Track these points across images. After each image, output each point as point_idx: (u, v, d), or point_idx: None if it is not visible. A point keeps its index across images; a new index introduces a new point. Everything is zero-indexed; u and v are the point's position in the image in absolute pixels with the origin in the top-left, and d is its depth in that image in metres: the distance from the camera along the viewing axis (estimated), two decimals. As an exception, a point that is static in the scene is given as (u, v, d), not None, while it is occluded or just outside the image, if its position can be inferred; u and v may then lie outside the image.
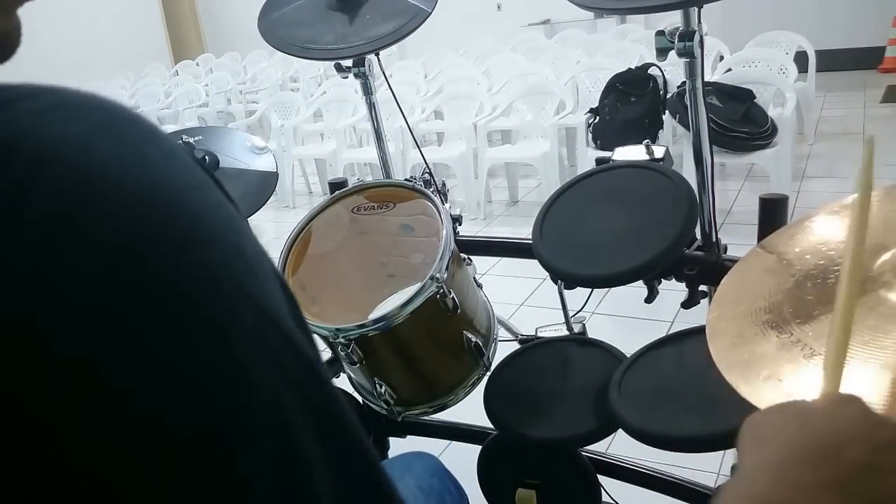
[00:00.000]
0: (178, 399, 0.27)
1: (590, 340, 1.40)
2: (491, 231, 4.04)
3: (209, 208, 0.31)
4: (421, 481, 0.94)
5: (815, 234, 0.69)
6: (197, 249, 0.29)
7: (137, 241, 0.27)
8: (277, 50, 1.42)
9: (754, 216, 1.15)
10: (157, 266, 0.28)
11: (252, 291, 0.31)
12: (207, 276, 0.29)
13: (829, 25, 6.53)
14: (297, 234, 1.22)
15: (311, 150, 5.29)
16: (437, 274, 1.06)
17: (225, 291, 0.29)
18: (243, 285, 0.30)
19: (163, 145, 0.31)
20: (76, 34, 9.04)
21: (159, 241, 0.28)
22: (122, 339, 0.26)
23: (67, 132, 0.28)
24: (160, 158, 0.31)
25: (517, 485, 1.35)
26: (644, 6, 1.12)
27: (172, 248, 0.28)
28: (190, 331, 0.28)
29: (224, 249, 0.30)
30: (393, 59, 6.90)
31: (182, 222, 0.29)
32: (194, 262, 0.29)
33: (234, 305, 0.30)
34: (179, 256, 0.28)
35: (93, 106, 0.31)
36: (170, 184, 0.30)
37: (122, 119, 0.31)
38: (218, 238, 0.30)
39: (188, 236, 0.29)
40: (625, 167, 1.32)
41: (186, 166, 0.32)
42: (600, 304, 2.77)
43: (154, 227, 0.28)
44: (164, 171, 0.30)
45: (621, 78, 4.08)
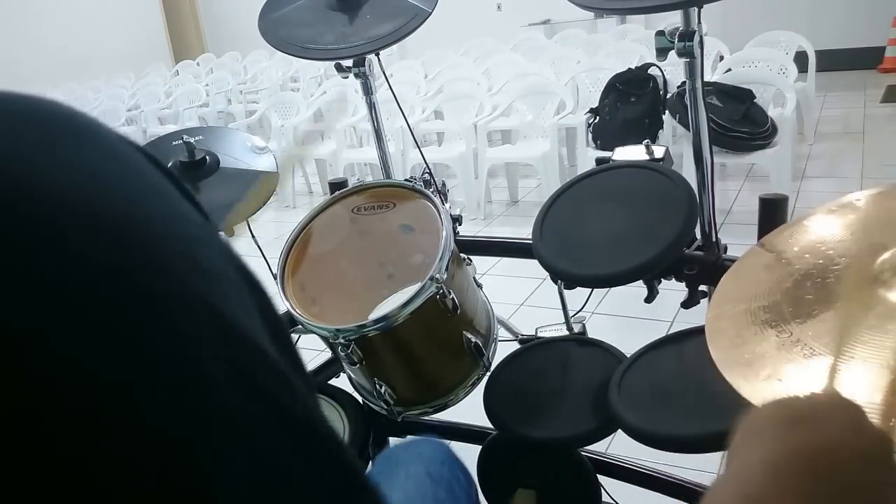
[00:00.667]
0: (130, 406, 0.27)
1: (590, 340, 1.40)
2: (491, 231, 4.04)
3: (158, 217, 0.30)
4: (430, 468, 0.94)
5: (814, 233, 0.69)
6: (147, 261, 0.28)
7: (81, 242, 0.27)
8: (278, 50, 1.42)
9: (754, 216, 1.15)
10: (101, 265, 0.27)
11: (204, 294, 0.30)
12: (159, 281, 0.28)
13: (828, 25, 6.53)
14: (298, 234, 1.22)
15: (311, 151, 5.29)
16: (436, 274, 1.06)
17: (180, 297, 0.29)
18: (194, 289, 0.30)
19: (108, 149, 0.31)
20: (77, 34, 9.04)
21: (102, 242, 0.27)
22: (51, 342, 0.25)
23: (14, 138, 0.28)
24: (102, 162, 0.30)
25: (517, 485, 1.35)
26: (644, 6, 1.13)
27: (120, 251, 0.28)
28: (144, 340, 0.27)
29: (178, 260, 0.30)
30: (393, 59, 6.91)
31: (124, 232, 0.28)
32: (143, 272, 0.28)
33: (185, 316, 0.29)
34: (127, 268, 0.28)
35: (38, 110, 0.30)
36: (114, 193, 0.29)
37: (67, 125, 0.30)
38: (170, 249, 0.30)
39: (132, 247, 0.28)
40: (625, 167, 1.32)
41: (133, 170, 0.31)
42: (600, 304, 2.77)
43: (97, 230, 0.27)
44: (108, 179, 0.29)
45: (621, 78, 4.09)
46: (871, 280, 0.58)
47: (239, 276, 0.34)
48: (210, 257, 0.32)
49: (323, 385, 1.51)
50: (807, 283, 0.62)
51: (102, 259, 0.27)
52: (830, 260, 0.63)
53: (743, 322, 0.62)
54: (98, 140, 0.31)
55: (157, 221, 0.30)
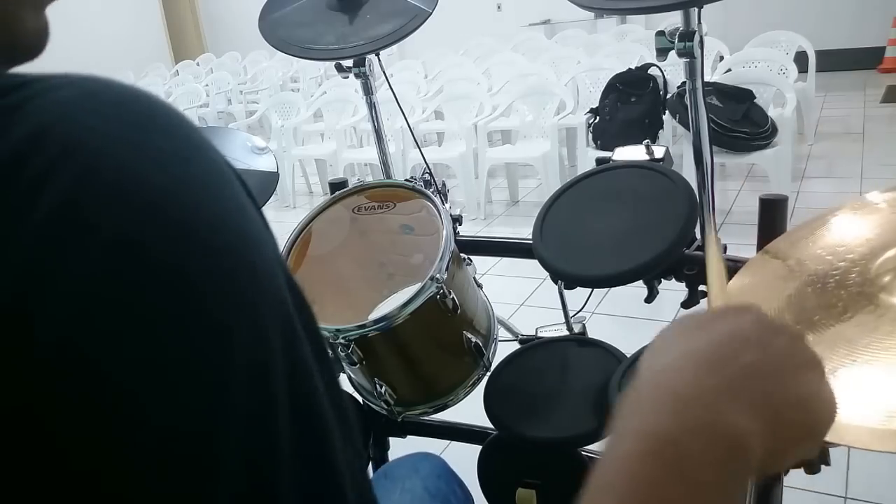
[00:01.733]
0: (168, 396, 0.27)
1: (590, 340, 1.40)
2: (491, 231, 4.04)
3: (225, 212, 0.31)
4: (427, 483, 0.94)
5: (815, 240, 0.69)
6: (206, 254, 0.29)
7: (145, 238, 0.27)
8: (278, 50, 1.42)
9: (754, 216, 1.15)
10: (163, 264, 0.28)
11: (254, 301, 0.31)
12: (211, 281, 0.29)
13: (829, 26, 6.53)
14: (298, 234, 1.22)
15: (312, 151, 5.29)
16: (437, 274, 1.06)
17: (227, 299, 0.29)
18: (246, 295, 0.30)
19: (190, 142, 0.31)
20: (77, 34, 9.04)
21: (168, 241, 0.28)
22: (115, 331, 0.26)
23: (93, 125, 0.28)
24: (183, 156, 0.31)
25: (517, 485, 1.35)
26: (644, 6, 1.13)
27: (182, 250, 0.28)
28: (190, 332, 0.28)
29: (235, 257, 0.30)
30: (393, 59, 6.91)
31: (193, 224, 0.29)
32: (201, 266, 0.29)
33: (235, 313, 0.30)
34: (187, 259, 0.28)
35: (122, 99, 0.31)
36: (186, 184, 0.30)
37: (149, 114, 0.31)
38: (228, 244, 0.30)
39: (199, 239, 0.29)
40: (625, 167, 1.32)
41: (210, 163, 0.32)
42: (600, 304, 2.77)
43: (163, 227, 0.28)
44: (183, 169, 0.30)
45: (621, 78, 4.09)
46: (871, 284, 0.58)
47: (287, 278, 0.35)
48: (264, 258, 0.32)
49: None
50: (808, 289, 0.62)
51: (165, 259, 0.28)
52: (831, 265, 0.63)
53: None
54: (178, 129, 0.32)
55: (220, 216, 0.31)
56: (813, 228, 0.70)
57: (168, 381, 0.27)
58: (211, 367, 0.29)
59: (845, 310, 0.58)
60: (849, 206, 0.69)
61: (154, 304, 0.27)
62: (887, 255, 0.59)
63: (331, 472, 0.35)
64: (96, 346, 0.26)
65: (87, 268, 0.26)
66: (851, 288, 0.59)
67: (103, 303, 0.26)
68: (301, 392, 0.33)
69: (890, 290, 0.56)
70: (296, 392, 0.32)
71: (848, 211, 0.69)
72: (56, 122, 0.28)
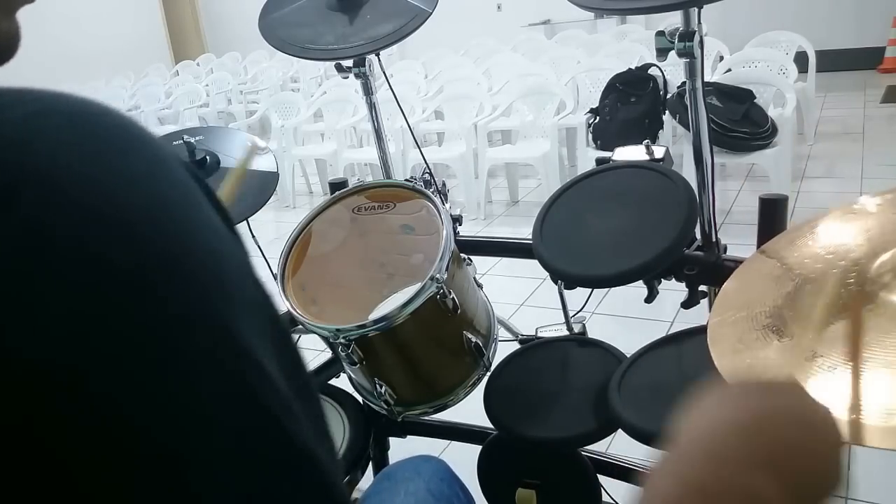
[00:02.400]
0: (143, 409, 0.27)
1: (590, 340, 1.40)
2: (491, 231, 4.04)
3: (190, 230, 0.31)
4: (430, 485, 0.94)
5: (815, 238, 0.69)
6: (176, 270, 0.29)
7: (113, 255, 0.27)
8: (278, 50, 1.42)
9: (754, 216, 1.15)
10: (134, 279, 0.28)
11: (224, 319, 0.31)
12: (182, 298, 0.29)
13: (829, 26, 6.53)
14: (298, 234, 1.22)
15: (312, 151, 5.29)
16: (437, 274, 1.06)
17: (199, 318, 0.29)
18: (215, 313, 0.30)
19: (153, 156, 0.31)
20: (77, 34, 9.04)
21: (137, 256, 0.28)
22: (93, 345, 0.26)
23: (59, 141, 0.28)
24: (147, 172, 0.30)
25: (517, 485, 1.35)
26: (644, 6, 1.13)
27: (150, 265, 0.28)
28: (166, 348, 0.28)
29: (200, 274, 0.30)
30: (393, 59, 6.91)
31: (159, 242, 0.29)
32: (171, 283, 0.29)
33: (208, 331, 0.30)
34: (158, 276, 0.28)
35: (88, 116, 0.30)
36: (151, 200, 0.30)
37: (115, 132, 0.31)
38: (198, 262, 0.30)
39: (164, 255, 0.29)
40: (625, 167, 1.32)
41: (174, 181, 0.32)
42: (600, 304, 2.77)
43: (133, 244, 0.28)
44: (150, 185, 0.30)
45: (621, 78, 4.09)
46: (871, 283, 0.58)
47: (256, 290, 0.34)
48: (232, 273, 0.32)
49: (323, 385, 1.51)
50: (807, 287, 0.62)
51: (129, 272, 0.28)
52: (831, 264, 0.64)
53: (745, 327, 0.62)
54: (142, 146, 0.31)
55: (189, 235, 0.31)
56: (810, 228, 0.70)
57: (147, 394, 0.27)
58: (187, 381, 0.28)
59: (844, 308, 0.58)
60: (846, 207, 0.70)
61: (127, 319, 0.27)
62: (887, 255, 0.59)
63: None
64: (81, 360, 0.26)
65: (56, 283, 0.26)
66: (851, 287, 0.59)
67: (79, 319, 0.26)
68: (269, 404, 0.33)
69: (890, 289, 0.56)
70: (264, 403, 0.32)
71: (845, 211, 0.69)
72: (23, 142, 0.27)
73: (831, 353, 0.54)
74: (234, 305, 0.31)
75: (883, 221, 0.66)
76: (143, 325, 0.27)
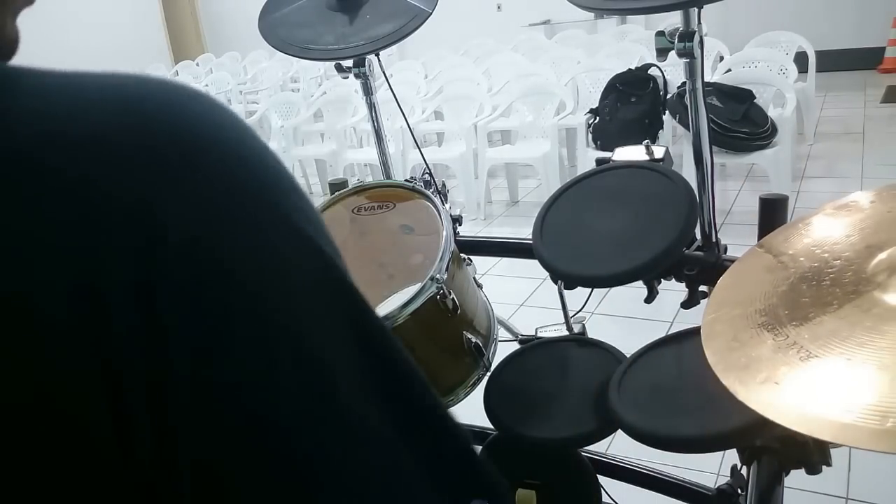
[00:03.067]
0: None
1: (589, 341, 1.40)
2: (491, 231, 4.04)
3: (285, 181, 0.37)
4: None
5: (810, 236, 0.69)
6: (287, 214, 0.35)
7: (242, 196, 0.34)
8: (278, 50, 1.42)
9: (754, 216, 1.15)
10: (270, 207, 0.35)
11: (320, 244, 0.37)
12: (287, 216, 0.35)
13: (828, 26, 6.53)
14: (298, 234, 1.22)
15: (312, 151, 5.28)
16: (437, 274, 1.06)
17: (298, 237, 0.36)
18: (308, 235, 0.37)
19: (267, 148, 0.38)
20: (76, 35, 9.04)
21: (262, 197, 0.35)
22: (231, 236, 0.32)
23: (206, 121, 0.35)
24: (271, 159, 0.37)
25: (517, 485, 1.35)
26: (644, 6, 1.12)
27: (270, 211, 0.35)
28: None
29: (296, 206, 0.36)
30: (393, 59, 6.91)
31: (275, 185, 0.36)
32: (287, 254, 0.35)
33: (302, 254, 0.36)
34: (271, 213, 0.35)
35: (210, 102, 0.36)
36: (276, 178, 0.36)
37: (236, 120, 0.36)
38: (287, 191, 0.36)
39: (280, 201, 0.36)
40: (625, 167, 1.32)
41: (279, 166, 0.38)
42: (600, 305, 2.77)
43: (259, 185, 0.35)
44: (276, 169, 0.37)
45: (621, 78, 4.09)
46: (867, 282, 0.58)
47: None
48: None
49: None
50: (803, 286, 0.62)
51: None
52: (826, 263, 0.63)
53: (739, 325, 0.62)
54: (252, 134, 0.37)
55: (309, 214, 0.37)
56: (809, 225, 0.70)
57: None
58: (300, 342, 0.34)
59: (840, 307, 0.58)
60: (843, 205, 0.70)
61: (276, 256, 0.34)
62: (883, 255, 0.59)
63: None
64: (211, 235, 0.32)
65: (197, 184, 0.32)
66: (847, 286, 0.59)
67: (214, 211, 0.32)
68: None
69: (885, 289, 0.56)
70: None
71: (842, 209, 0.69)
72: (182, 120, 0.34)
73: (825, 352, 0.54)
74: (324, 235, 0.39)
75: (878, 219, 0.65)
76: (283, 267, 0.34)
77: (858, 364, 0.51)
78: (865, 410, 0.47)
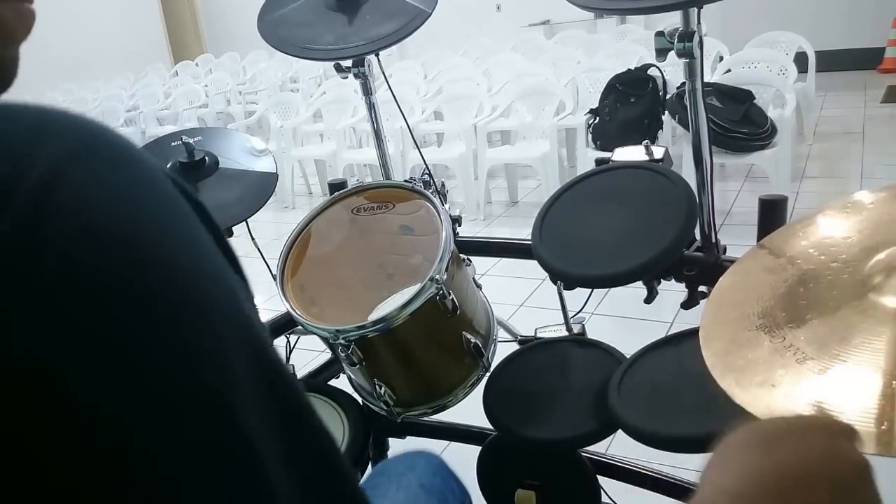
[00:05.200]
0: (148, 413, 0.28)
1: (589, 341, 1.40)
2: (490, 232, 4.04)
3: (180, 249, 0.31)
4: (423, 479, 0.93)
5: (808, 238, 0.68)
6: (167, 284, 0.30)
7: (104, 265, 0.28)
8: (277, 50, 1.42)
9: (754, 217, 1.15)
10: (135, 289, 0.28)
11: (230, 314, 0.32)
12: (173, 313, 0.30)
13: (828, 26, 6.53)
14: (297, 235, 1.22)
15: (311, 151, 5.28)
16: (436, 275, 1.06)
17: (189, 333, 0.30)
18: (213, 328, 0.31)
19: (145, 175, 0.32)
20: (76, 35, 9.04)
21: (127, 269, 0.28)
22: (91, 352, 0.27)
23: (61, 153, 0.29)
24: (138, 185, 0.31)
25: (517, 486, 1.35)
26: (644, 6, 1.12)
27: (139, 277, 0.29)
28: (155, 357, 0.28)
29: (192, 293, 0.31)
30: (392, 59, 6.90)
31: (151, 254, 0.30)
32: (164, 295, 0.29)
33: (207, 328, 0.30)
34: (154, 282, 0.29)
35: (85, 130, 0.31)
36: (148, 217, 0.31)
37: (105, 148, 0.31)
38: (187, 280, 0.31)
39: (155, 266, 0.30)
40: (624, 168, 1.32)
41: (165, 195, 0.32)
42: (600, 305, 2.77)
43: (122, 257, 0.29)
44: (143, 202, 0.31)
45: (621, 78, 4.09)
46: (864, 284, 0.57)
47: (240, 318, 0.35)
48: (220, 298, 0.33)
49: (322, 386, 1.51)
50: (800, 288, 0.62)
51: (121, 282, 0.28)
52: (824, 265, 0.63)
53: (737, 327, 0.62)
54: (136, 165, 0.32)
55: (179, 250, 0.31)
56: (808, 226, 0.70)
57: (135, 402, 0.28)
58: (176, 395, 0.29)
59: (837, 309, 0.57)
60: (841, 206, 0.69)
61: (119, 328, 0.28)
62: (879, 256, 0.59)
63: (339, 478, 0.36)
64: (66, 361, 0.26)
65: (50, 285, 0.26)
66: (844, 288, 0.59)
67: (68, 321, 0.26)
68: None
69: (882, 291, 0.56)
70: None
71: (840, 210, 0.69)
72: (24, 154, 0.28)
73: (822, 355, 0.54)
74: (214, 328, 0.32)
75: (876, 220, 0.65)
76: (128, 334, 0.28)
77: (855, 366, 0.51)
78: (862, 413, 0.47)
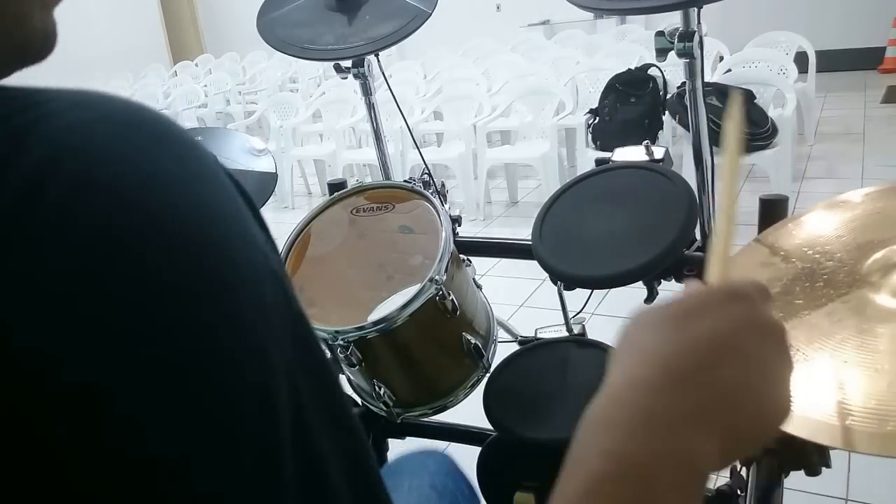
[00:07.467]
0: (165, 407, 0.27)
1: (589, 341, 1.40)
2: (490, 232, 4.04)
3: (235, 243, 0.31)
4: (435, 480, 0.93)
5: (803, 236, 0.68)
6: (212, 282, 0.29)
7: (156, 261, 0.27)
8: (277, 50, 1.42)
9: (754, 217, 1.14)
10: (165, 283, 0.27)
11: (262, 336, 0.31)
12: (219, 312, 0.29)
13: (829, 26, 6.53)
14: (297, 235, 1.22)
15: (311, 151, 5.28)
16: (436, 275, 1.05)
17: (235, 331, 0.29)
18: (255, 330, 0.30)
19: (200, 165, 0.32)
20: (75, 35, 9.03)
21: (176, 263, 0.28)
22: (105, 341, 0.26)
23: (106, 153, 0.28)
24: (195, 181, 0.31)
25: (517, 486, 1.35)
26: (644, 6, 1.12)
27: (189, 275, 0.28)
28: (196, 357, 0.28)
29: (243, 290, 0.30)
30: (392, 59, 6.90)
31: (205, 253, 0.29)
32: (207, 293, 0.28)
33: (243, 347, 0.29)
34: (192, 283, 0.28)
35: (135, 121, 0.30)
36: (198, 209, 0.30)
37: (162, 137, 0.31)
38: (238, 277, 0.30)
39: (209, 267, 0.29)
40: (624, 168, 1.32)
41: (221, 191, 0.32)
42: (600, 305, 2.76)
43: (170, 250, 0.28)
44: (197, 195, 0.30)
45: (621, 78, 4.08)
46: (860, 283, 0.57)
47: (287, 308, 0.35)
48: (266, 294, 0.32)
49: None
50: (796, 287, 0.62)
51: (174, 282, 0.27)
52: (819, 263, 0.63)
53: None
54: (197, 156, 0.32)
55: (238, 250, 0.31)
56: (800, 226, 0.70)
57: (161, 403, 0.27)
58: (216, 394, 0.28)
59: (834, 308, 0.57)
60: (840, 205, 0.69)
61: (156, 327, 0.27)
62: (877, 255, 0.59)
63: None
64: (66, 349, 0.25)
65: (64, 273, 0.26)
66: (841, 287, 0.59)
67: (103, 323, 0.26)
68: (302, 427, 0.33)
69: (878, 289, 0.56)
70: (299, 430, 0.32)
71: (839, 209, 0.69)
72: (67, 149, 0.27)
73: (820, 354, 0.53)
74: (270, 325, 0.31)
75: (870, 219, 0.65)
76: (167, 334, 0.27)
77: (854, 366, 0.51)
78: (864, 414, 0.47)
